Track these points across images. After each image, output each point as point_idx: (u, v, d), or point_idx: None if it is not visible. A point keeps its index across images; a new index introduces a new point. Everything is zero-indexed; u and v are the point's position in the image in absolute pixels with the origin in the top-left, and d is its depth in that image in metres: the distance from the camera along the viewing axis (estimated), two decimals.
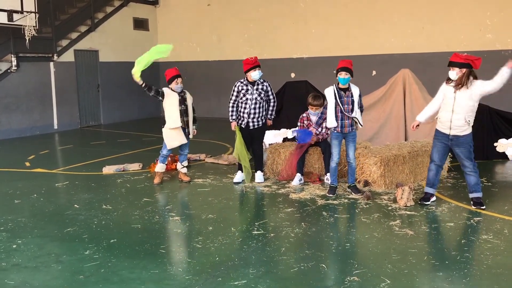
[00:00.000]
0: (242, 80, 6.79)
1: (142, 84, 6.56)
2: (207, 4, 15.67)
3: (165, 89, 6.78)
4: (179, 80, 6.76)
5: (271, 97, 6.91)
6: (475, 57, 5.28)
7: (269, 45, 14.70)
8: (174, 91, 6.74)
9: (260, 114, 6.79)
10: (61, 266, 4.15)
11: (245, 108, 6.75)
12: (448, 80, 5.46)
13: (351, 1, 13.35)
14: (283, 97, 9.89)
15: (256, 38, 14.90)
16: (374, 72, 13.18)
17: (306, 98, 6.93)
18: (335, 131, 5.98)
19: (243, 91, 6.72)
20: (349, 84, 5.96)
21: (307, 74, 12.98)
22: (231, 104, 6.79)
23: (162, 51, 6.40)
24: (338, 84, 5.95)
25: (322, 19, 13.80)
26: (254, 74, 6.64)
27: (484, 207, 5.47)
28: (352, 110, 5.92)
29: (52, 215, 5.60)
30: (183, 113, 6.78)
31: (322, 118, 6.78)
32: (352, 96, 5.94)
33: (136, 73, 6.36)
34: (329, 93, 5.94)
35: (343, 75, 5.85)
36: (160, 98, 6.73)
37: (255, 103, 6.72)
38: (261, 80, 6.79)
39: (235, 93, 6.76)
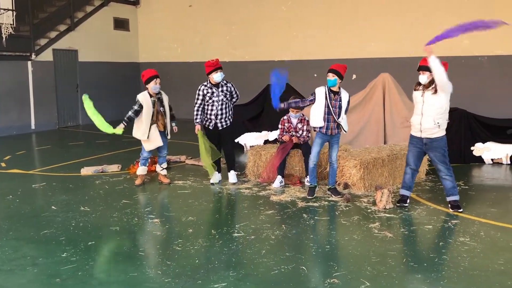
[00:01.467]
0: (205, 83, 6.81)
1: (126, 124, 6.64)
2: (188, 5, 15.62)
3: (140, 97, 6.65)
4: (158, 80, 6.70)
5: (234, 95, 6.99)
6: (443, 62, 5.40)
7: (251, 47, 14.71)
8: (151, 92, 6.66)
9: (227, 114, 6.87)
10: (37, 269, 4.06)
11: (212, 110, 6.78)
12: (417, 85, 5.54)
13: (333, 6, 13.46)
14: (265, 99, 9.92)
15: (238, 40, 14.90)
16: (354, 76, 13.29)
17: (287, 100, 6.94)
18: (321, 132, 5.99)
19: (208, 94, 6.74)
20: (339, 89, 5.97)
21: (288, 77, 13.01)
22: (196, 108, 6.80)
23: (88, 105, 6.69)
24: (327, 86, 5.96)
25: (304, 23, 13.88)
26: (216, 76, 6.70)
27: (461, 210, 5.56)
28: (339, 115, 5.94)
29: (28, 217, 5.49)
30: (163, 114, 6.75)
31: (303, 121, 6.82)
32: (340, 100, 5.94)
33: (109, 130, 6.48)
34: (320, 92, 5.92)
35: (330, 77, 5.86)
36: (142, 110, 6.65)
37: (222, 104, 6.79)
38: (224, 82, 6.86)
39: (200, 97, 6.76)
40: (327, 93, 5.91)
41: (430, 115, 5.42)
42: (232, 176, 7.03)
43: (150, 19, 16.24)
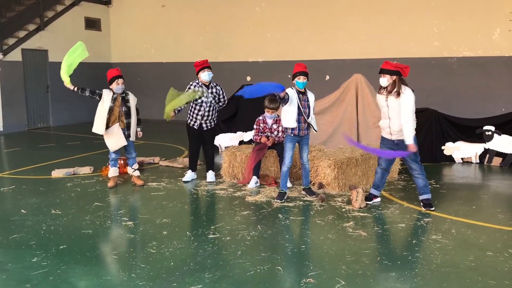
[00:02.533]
0: (197, 81, 6.80)
1: (74, 88, 6.53)
2: (162, 5, 15.48)
3: (104, 91, 6.64)
4: (120, 81, 6.61)
5: (224, 99, 7.01)
6: (404, 65, 5.48)
7: (225, 48, 14.68)
8: (115, 92, 6.59)
9: (213, 116, 6.91)
10: (6, 275, 3.95)
11: (199, 110, 6.78)
12: (380, 89, 5.62)
13: (307, 7, 13.55)
14: (239, 100, 9.90)
15: (212, 40, 14.84)
16: (327, 77, 13.42)
17: (262, 101, 6.95)
18: (292, 135, 6.01)
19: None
20: (305, 89, 6.02)
21: (262, 77, 13.07)
22: None
23: (79, 52, 6.36)
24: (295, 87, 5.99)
25: (278, 24, 13.93)
26: (204, 75, 6.71)
27: (433, 208, 5.66)
28: (308, 115, 5.98)
29: None
30: (124, 114, 6.64)
31: (278, 122, 6.83)
32: (308, 100, 6.00)
33: (64, 78, 6.33)
34: (292, 93, 5.91)
35: (301, 79, 5.88)
36: (97, 98, 6.63)
37: (209, 106, 6.81)
38: (214, 84, 6.86)
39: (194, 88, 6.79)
40: (296, 94, 5.93)
41: (396, 118, 5.48)
42: (210, 175, 7.06)
43: (123, 19, 16.04)
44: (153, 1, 15.56)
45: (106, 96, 6.57)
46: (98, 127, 6.62)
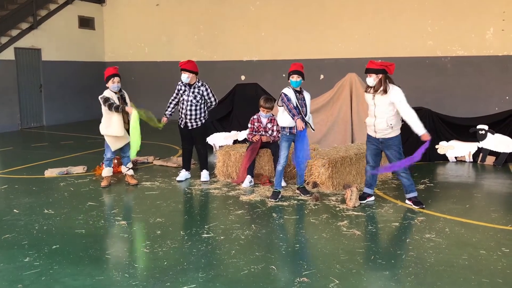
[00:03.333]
0: (182, 81, 6.89)
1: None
2: (156, 4, 15.42)
3: (106, 93, 6.53)
4: (116, 79, 6.55)
5: (212, 99, 6.95)
6: (389, 63, 5.54)
7: (220, 47, 14.65)
8: (111, 90, 6.56)
9: (197, 116, 6.88)
10: None
11: (182, 108, 6.93)
12: (367, 88, 5.65)
13: (301, 6, 13.54)
14: (233, 99, 9.89)
15: (206, 39, 14.81)
16: (322, 76, 13.42)
17: (256, 100, 6.95)
18: (288, 134, 6.00)
19: (181, 91, 6.89)
20: (301, 88, 6.01)
21: (257, 76, 13.05)
22: (170, 100, 7.04)
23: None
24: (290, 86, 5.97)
25: (272, 23, 13.91)
26: (182, 77, 6.80)
27: (423, 206, 5.69)
28: (305, 113, 5.96)
29: None
30: (125, 113, 6.60)
31: (273, 121, 6.82)
32: (304, 99, 5.98)
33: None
34: (290, 93, 5.89)
35: (295, 78, 5.88)
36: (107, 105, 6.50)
37: (190, 105, 6.82)
38: (199, 84, 6.84)
39: (175, 91, 7.00)
40: (294, 93, 5.92)
41: (382, 117, 5.53)
42: (204, 175, 7.06)
43: (116, 17, 15.96)
44: (147, 0, 15.51)
45: (114, 99, 6.52)
46: (116, 129, 6.51)
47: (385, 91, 5.44)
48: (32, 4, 13.44)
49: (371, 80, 5.52)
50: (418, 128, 5.44)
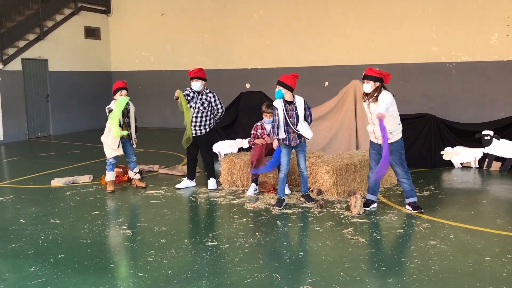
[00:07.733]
0: (190, 88, 6.96)
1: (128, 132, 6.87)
2: (161, 13, 15.56)
3: (113, 105, 6.79)
4: (123, 92, 6.85)
5: (219, 106, 7.00)
6: (387, 72, 5.56)
7: (224, 55, 14.73)
8: None
9: (203, 123, 6.91)
10: (3, 285, 3.94)
11: None
12: (364, 95, 5.67)
13: (305, 14, 13.61)
14: (238, 107, 9.94)
15: (211, 48, 14.90)
16: (326, 83, 13.44)
17: (261, 108, 6.97)
18: (284, 143, 6.00)
19: (189, 98, 6.91)
20: (294, 97, 5.96)
21: (261, 84, 13.08)
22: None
23: (121, 102, 6.66)
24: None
25: (276, 31, 13.98)
26: (193, 85, 6.86)
27: (422, 210, 5.70)
28: (296, 124, 5.90)
29: None
30: (128, 125, 6.93)
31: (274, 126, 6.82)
32: (296, 109, 5.88)
33: (116, 133, 6.60)
34: (279, 105, 5.90)
35: (277, 89, 5.87)
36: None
37: (197, 112, 6.87)
38: (207, 91, 6.91)
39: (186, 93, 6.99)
40: (283, 104, 5.90)
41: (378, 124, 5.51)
42: (211, 182, 7.09)
43: (122, 27, 16.11)
44: (152, 10, 15.65)
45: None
46: (111, 140, 6.82)
47: (376, 99, 5.47)
48: (38, 15, 13.61)
49: (368, 87, 5.55)
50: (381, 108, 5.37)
